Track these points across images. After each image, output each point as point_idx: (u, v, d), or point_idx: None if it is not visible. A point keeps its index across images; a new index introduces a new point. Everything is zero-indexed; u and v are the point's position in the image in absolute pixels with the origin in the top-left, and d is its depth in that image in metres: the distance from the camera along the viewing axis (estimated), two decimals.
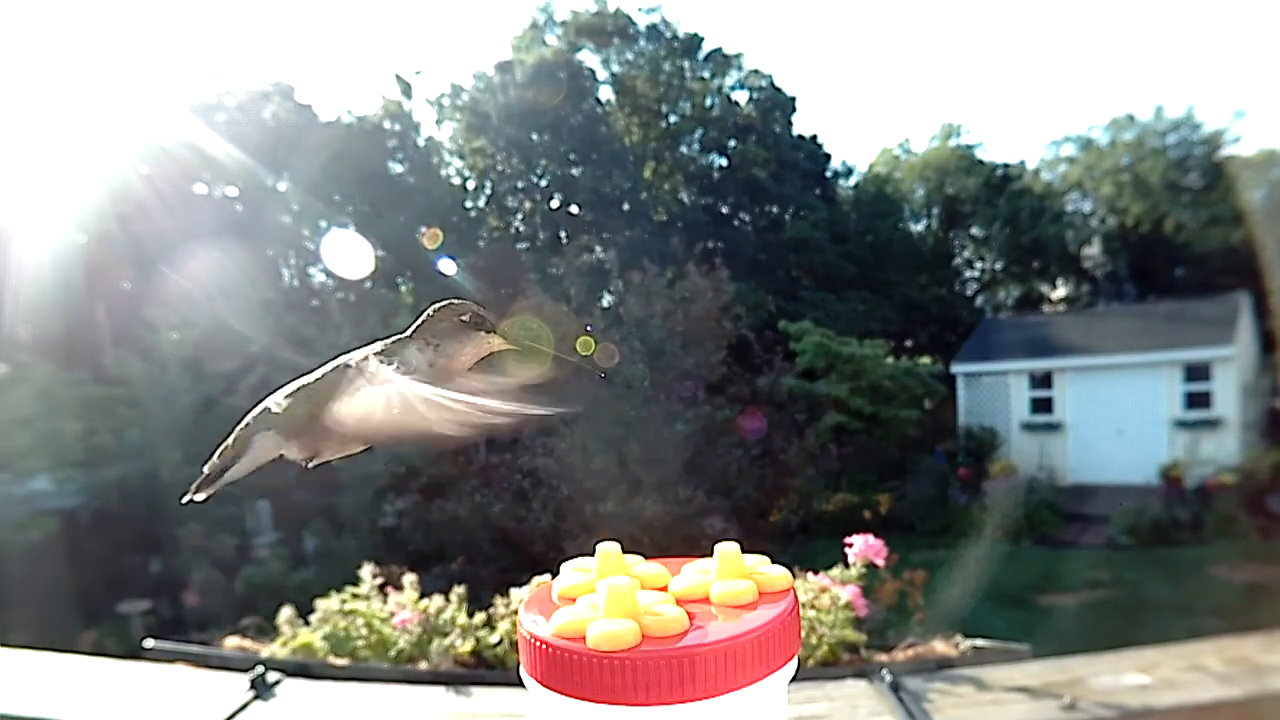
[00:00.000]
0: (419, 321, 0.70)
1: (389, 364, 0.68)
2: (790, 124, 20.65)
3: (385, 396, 0.66)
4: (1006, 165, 21.28)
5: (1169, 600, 8.26)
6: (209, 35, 22.21)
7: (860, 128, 39.29)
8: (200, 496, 0.73)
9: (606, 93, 20.14)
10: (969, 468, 12.49)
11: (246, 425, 0.74)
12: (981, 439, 13.33)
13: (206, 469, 0.73)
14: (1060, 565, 9.89)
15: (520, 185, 19.06)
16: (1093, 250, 21.09)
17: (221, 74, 15.20)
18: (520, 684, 0.34)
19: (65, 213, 10.69)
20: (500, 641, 1.68)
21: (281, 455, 0.74)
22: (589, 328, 11.29)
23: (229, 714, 1.29)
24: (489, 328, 0.69)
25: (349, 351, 0.70)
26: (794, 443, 12.07)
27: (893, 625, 1.79)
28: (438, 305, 0.69)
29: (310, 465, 0.73)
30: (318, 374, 0.71)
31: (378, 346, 0.70)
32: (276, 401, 0.73)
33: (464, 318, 0.68)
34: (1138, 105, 27.11)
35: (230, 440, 0.74)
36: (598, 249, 16.09)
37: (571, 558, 0.41)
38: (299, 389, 0.71)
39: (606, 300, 14.21)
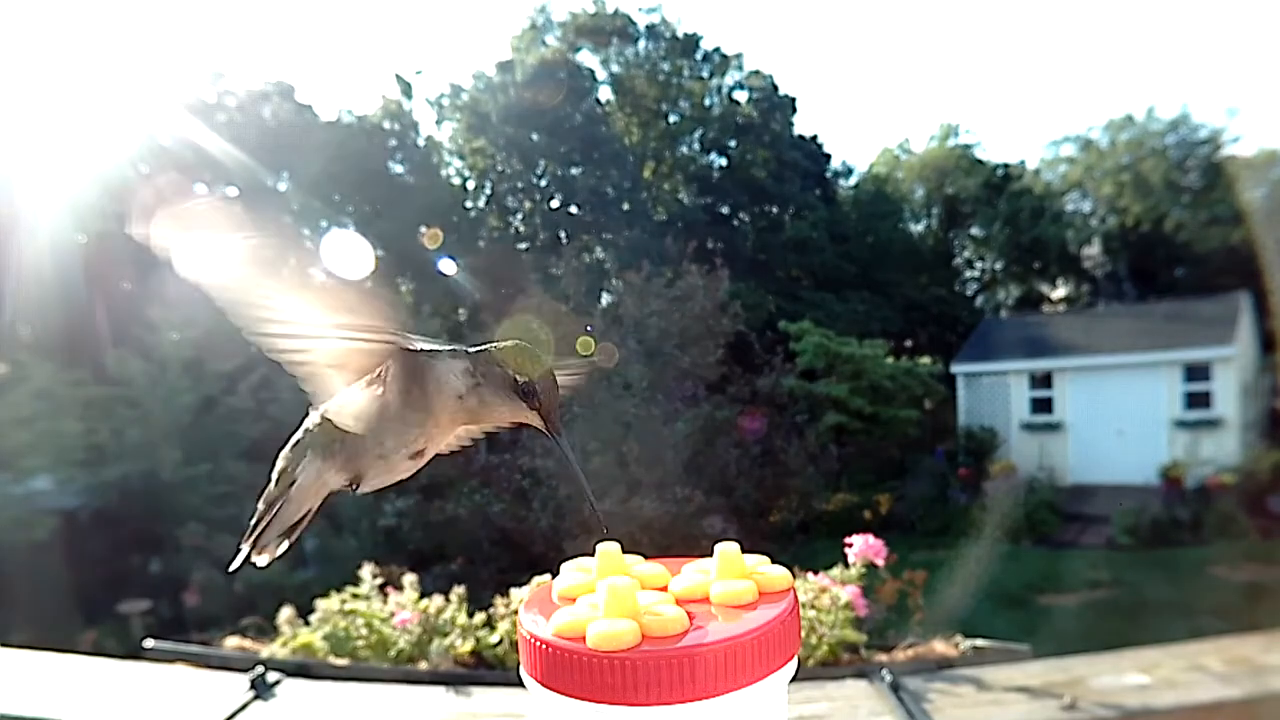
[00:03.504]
0: (481, 346, 0.63)
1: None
2: (790, 124, 20.65)
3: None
4: (1006, 165, 21.29)
5: (1169, 600, 8.25)
6: (209, 35, 22.21)
7: (860, 128, 39.33)
8: (262, 560, 0.66)
9: (606, 93, 20.14)
10: (969, 468, 12.48)
11: (286, 457, 0.65)
12: (981, 439, 13.33)
13: (255, 522, 0.64)
14: (1060, 565, 9.89)
15: (520, 185, 19.06)
16: (1093, 250, 21.09)
17: (221, 74, 15.20)
18: (520, 684, 0.34)
19: (65, 212, 10.68)
20: (500, 641, 1.68)
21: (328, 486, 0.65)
22: (588, 328, 11.28)
23: (229, 714, 1.28)
24: (536, 404, 0.61)
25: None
26: (794, 443, 12.07)
27: (893, 625, 1.79)
28: (513, 345, 0.61)
29: (356, 491, 0.65)
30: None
31: (430, 344, 0.63)
32: (314, 419, 0.63)
33: (520, 378, 0.60)
34: (1138, 105, 27.13)
35: (273, 479, 0.65)
36: (597, 249, 16.11)
37: (571, 558, 0.41)
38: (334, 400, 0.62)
39: (606, 300, 14.21)
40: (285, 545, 0.66)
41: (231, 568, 0.64)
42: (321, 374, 0.62)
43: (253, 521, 0.65)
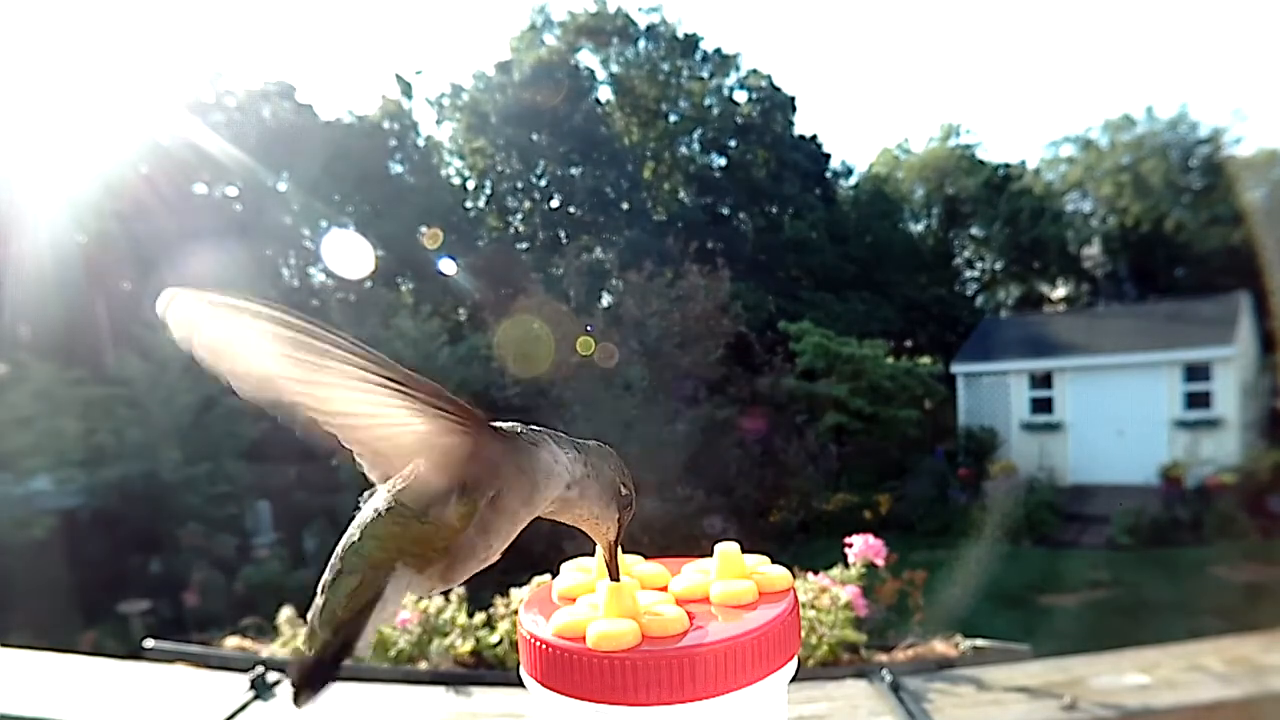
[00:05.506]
0: (593, 440, 0.56)
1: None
2: (790, 124, 20.65)
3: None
4: (1006, 165, 21.30)
5: (1169, 600, 8.25)
6: (209, 35, 22.21)
7: (860, 128, 39.34)
8: (320, 698, 0.48)
9: (606, 93, 20.15)
10: (969, 468, 12.49)
11: (362, 556, 0.49)
12: (981, 439, 13.33)
13: (314, 651, 0.48)
14: (1060, 565, 9.89)
15: (520, 185, 19.07)
16: (1093, 250, 21.09)
17: (221, 74, 15.21)
18: (520, 684, 0.34)
19: (65, 212, 10.69)
20: (500, 641, 1.68)
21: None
22: (588, 328, 11.28)
23: (229, 714, 1.28)
24: (624, 520, 0.53)
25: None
26: (794, 443, 12.07)
27: (893, 625, 1.79)
28: (612, 450, 0.55)
29: (437, 592, 0.52)
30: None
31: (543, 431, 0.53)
32: (390, 508, 0.49)
33: (624, 489, 0.54)
34: (1138, 105, 27.14)
35: (339, 587, 0.48)
36: (597, 249, 16.10)
37: (571, 558, 0.41)
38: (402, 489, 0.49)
39: (606, 300, 14.21)
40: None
41: (299, 704, 0.47)
42: (384, 454, 0.50)
43: (311, 653, 0.49)
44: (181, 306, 0.45)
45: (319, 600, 0.49)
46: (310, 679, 0.48)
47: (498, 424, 0.50)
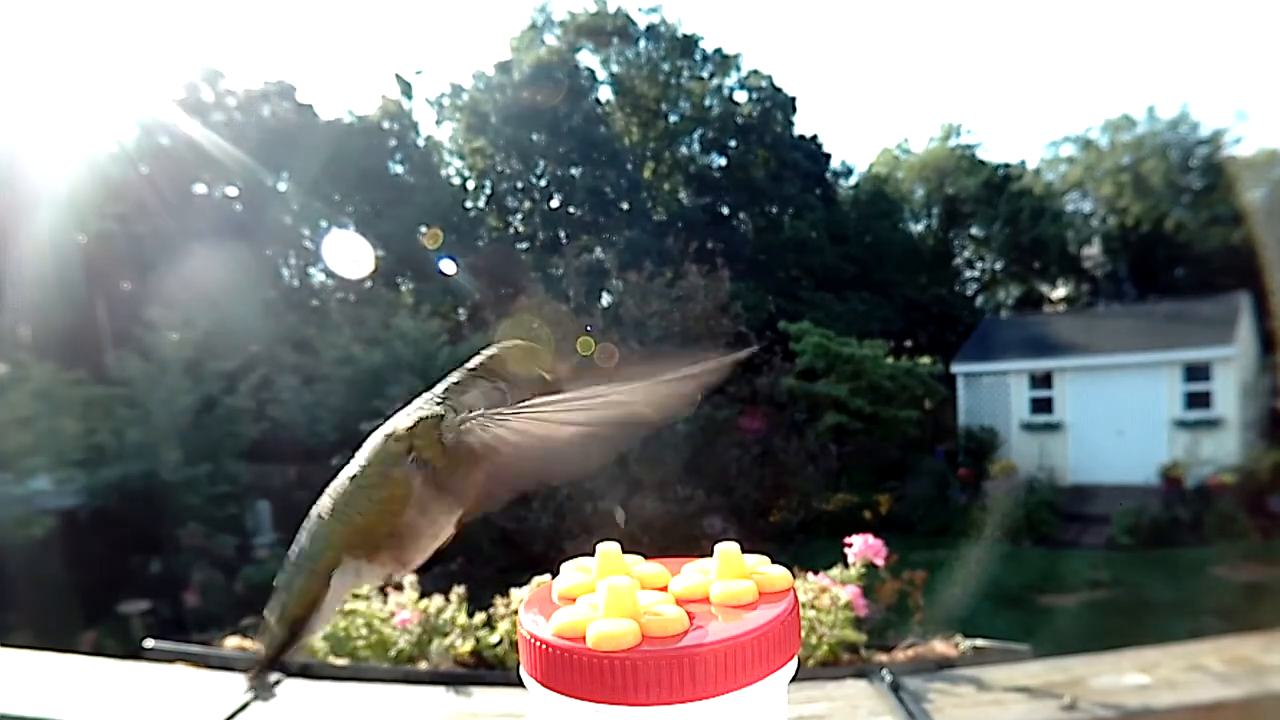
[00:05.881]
0: (480, 360, 0.58)
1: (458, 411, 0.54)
2: (790, 124, 20.65)
3: (494, 437, 0.52)
4: (1006, 165, 21.29)
5: (1169, 600, 8.25)
6: (209, 35, 22.21)
7: (860, 128, 39.35)
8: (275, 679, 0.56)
9: (606, 93, 20.16)
10: (969, 468, 12.49)
11: (309, 558, 0.56)
12: (981, 439, 13.34)
13: (269, 641, 0.55)
14: (1060, 565, 9.89)
15: (520, 185, 19.07)
16: (1093, 250, 21.10)
17: (221, 74, 15.21)
18: (520, 684, 0.34)
19: (66, 212, 10.69)
20: (500, 641, 1.68)
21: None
22: (588, 327, 11.28)
23: (229, 714, 1.28)
24: (546, 371, 0.57)
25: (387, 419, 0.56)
26: (794, 443, 12.08)
27: (893, 625, 1.79)
28: (509, 346, 0.57)
29: (395, 579, 0.57)
30: (365, 459, 0.55)
31: (431, 398, 0.56)
32: (333, 510, 0.55)
33: (547, 377, 0.56)
34: (1138, 105, 27.15)
35: (292, 586, 0.55)
36: (597, 249, 16.10)
37: (571, 558, 0.41)
38: (353, 487, 0.55)
39: (606, 300, 14.21)
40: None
41: (246, 688, 0.56)
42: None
43: (268, 643, 0.56)
44: None
45: (275, 599, 0.55)
46: (263, 670, 0.55)
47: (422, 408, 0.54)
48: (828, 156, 21.49)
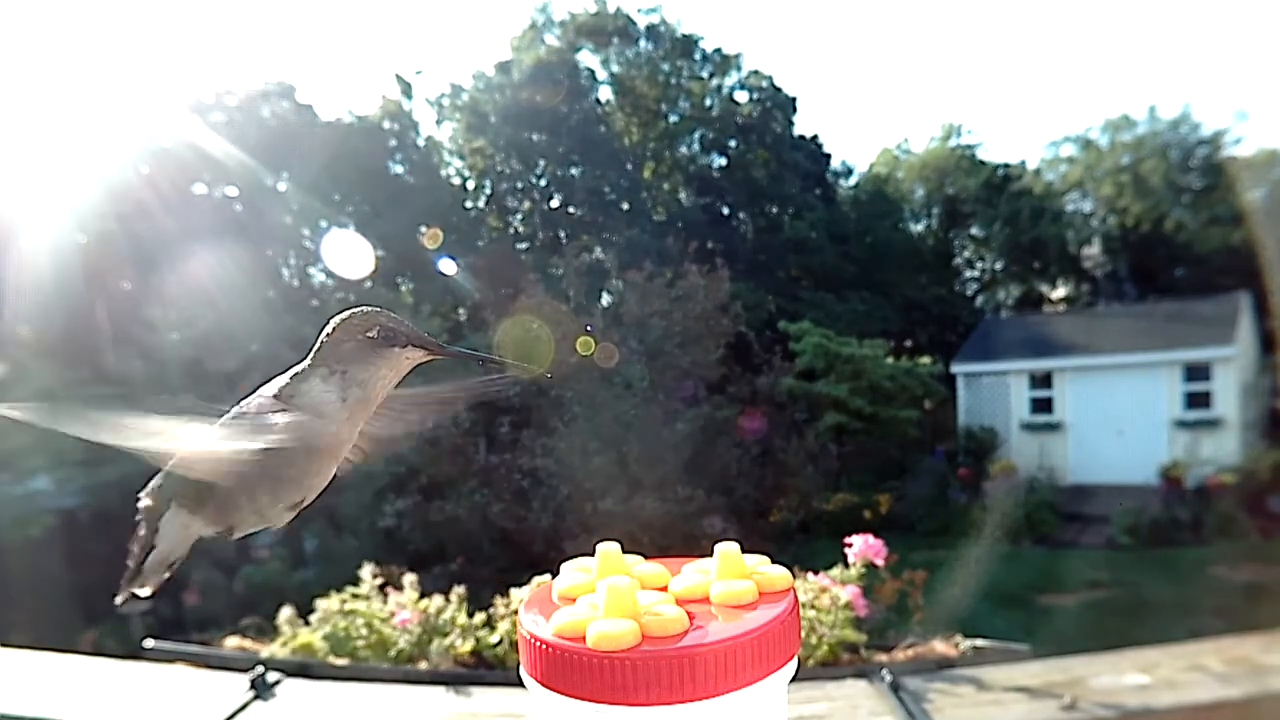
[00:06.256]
0: (317, 344, 0.57)
1: (282, 405, 0.56)
2: (790, 124, 20.64)
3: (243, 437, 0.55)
4: (1006, 165, 21.28)
5: (1169, 600, 8.25)
6: (209, 35, 22.21)
7: (860, 128, 39.33)
8: (145, 591, 0.60)
9: (606, 93, 20.14)
10: (969, 468, 12.49)
11: (147, 506, 0.61)
12: (981, 439, 13.33)
13: (131, 562, 0.61)
14: (1060, 565, 9.89)
15: (520, 185, 19.06)
16: (1093, 250, 21.09)
17: (221, 74, 15.21)
18: (520, 684, 0.34)
19: (65, 213, 10.68)
20: (500, 641, 1.68)
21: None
22: (588, 328, 11.28)
23: (229, 714, 1.28)
24: (404, 341, 0.55)
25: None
26: (794, 443, 12.07)
27: (893, 625, 1.79)
28: (338, 320, 0.56)
29: (232, 538, 0.61)
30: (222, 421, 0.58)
31: (277, 384, 0.58)
32: (177, 463, 0.58)
33: (371, 334, 0.55)
34: (1138, 105, 27.15)
35: (139, 524, 0.61)
36: (597, 249, 16.10)
37: (571, 558, 0.41)
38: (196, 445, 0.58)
39: (606, 300, 14.21)
40: (166, 575, 0.62)
41: (117, 601, 0.61)
42: None
43: (130, 565, 0.61)
44: None
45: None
46: (130, 580, 0.61)
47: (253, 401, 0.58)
48: (828, 156, 21.48)
